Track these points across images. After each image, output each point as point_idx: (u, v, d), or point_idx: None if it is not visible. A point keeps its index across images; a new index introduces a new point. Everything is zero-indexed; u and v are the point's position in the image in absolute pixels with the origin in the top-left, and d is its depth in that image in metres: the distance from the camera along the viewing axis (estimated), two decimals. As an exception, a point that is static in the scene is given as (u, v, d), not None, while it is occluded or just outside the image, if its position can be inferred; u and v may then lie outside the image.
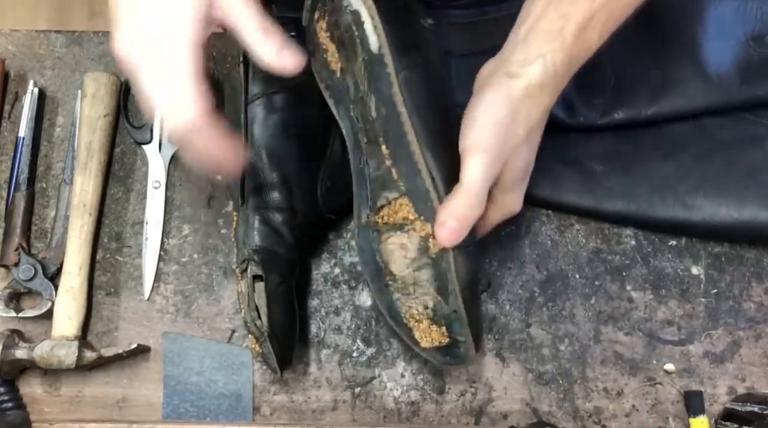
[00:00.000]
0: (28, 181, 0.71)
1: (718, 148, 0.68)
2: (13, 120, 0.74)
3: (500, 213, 0.61)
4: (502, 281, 0.70)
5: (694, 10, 0.70)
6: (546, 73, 0.54)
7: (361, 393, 0.67)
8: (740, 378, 0.67)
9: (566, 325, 0.69)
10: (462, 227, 0.54)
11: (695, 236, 0.70)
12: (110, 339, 0.69)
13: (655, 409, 0.67)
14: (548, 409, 0.67)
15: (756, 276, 0.70)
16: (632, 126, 0.69)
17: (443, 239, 0.54)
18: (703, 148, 0.68)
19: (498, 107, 0.55)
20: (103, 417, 0.67)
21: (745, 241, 0.69)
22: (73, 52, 0.76)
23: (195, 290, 0.70)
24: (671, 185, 0.67)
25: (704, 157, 0.68)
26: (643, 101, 0.68)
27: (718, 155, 0.68)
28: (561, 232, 0.71)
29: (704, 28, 0.69)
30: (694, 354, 0.68)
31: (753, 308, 0.69)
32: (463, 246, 0.56)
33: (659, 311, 0.69)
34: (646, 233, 0.70)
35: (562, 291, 0.69)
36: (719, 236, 0.69)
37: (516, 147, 0.56)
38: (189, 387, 0.68)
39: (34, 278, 0.68)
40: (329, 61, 0.60)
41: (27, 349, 0.65)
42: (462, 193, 0.55)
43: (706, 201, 0.66)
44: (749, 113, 0.68)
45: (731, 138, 0.68)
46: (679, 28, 0.70)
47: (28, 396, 0.67)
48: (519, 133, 0.55)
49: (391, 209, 0.57)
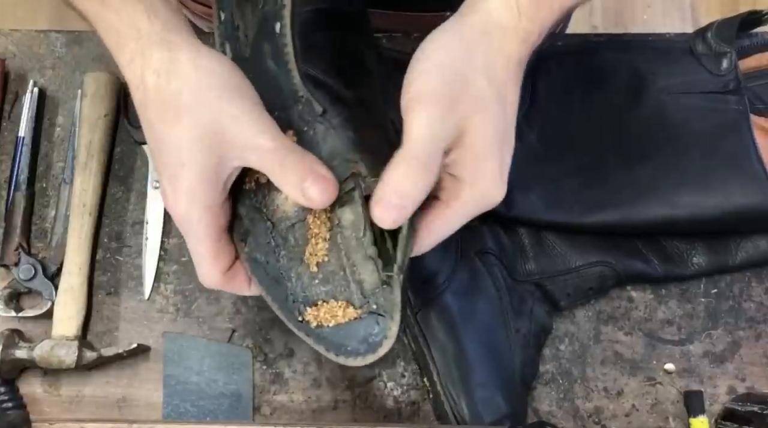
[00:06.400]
0: (28, 181, 0.71)
1: (693, 141, 0.66)
2: (13, 120, 0.74)
3: (474, 201, 0.48)
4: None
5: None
6: (508, 9, 0.45)
7: (361, 393, 0.67)
8: (740, 378, 0.67)
9: (566, 325, 0.69)
10: (405, 204, 0.44)
11: (684, 233, 0.68)
12: (110, 338, 0.69)
13: (655, 409, 0.67)
14: (548, 409, 0.67)
15: (756, 276, 0.70)
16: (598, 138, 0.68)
17: (382, 221, 0.45)
18: (678, 144, 0.66)
19: (446, 46, 0.46)
20: (103, 417, 0.67)
21: (735, 230, 0.68)
22: (73, 52, 0.76)
23: (195, 290, 0.70)
24: (653, 186, 0.65)
25: (681, 153, 0.66)
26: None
27: (695, 147, 0.66)
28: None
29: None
30: (694, 353, 0.68)
31: (753, 308, 0.69)
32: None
33: (659, 311, 0.69)
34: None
35: (562, 291, 0.69)
36: (709, 228, 0.67)
37: (478, 102, 0.45)
38: (189, 387, 0.68)
39: (34, 278, 0.68)
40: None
41: (27, 349, 0.65)
42: (403, 159, 0.45)
43: (690, 196, 0.64)
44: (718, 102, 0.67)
45: (704, 129, 0.66)
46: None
47: (28, 396, 0.67)
48: (479, 82, 0.45)
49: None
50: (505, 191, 0.48)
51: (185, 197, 0.48)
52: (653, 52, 0.71)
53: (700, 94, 0.68)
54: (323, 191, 0.47)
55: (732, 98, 0.67)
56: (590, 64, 0.70)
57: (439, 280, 0.63)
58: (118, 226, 0.72)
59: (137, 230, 0.71)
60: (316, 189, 0.46)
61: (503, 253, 0.66)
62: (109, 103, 0.72)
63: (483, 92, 0.45)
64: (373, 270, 0.49)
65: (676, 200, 0.65)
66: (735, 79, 0.67)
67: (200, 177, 0.47)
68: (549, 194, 0.66)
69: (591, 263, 0.67)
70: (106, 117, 0.71)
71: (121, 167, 0.73)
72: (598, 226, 0.66)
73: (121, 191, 0.72)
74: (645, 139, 0.67)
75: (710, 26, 0.70)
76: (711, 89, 0.68)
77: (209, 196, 0.48)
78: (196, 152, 0.47)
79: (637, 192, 0.65)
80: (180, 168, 0.47)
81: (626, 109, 0.68)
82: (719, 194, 0.64)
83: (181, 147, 0.47)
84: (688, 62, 0.69)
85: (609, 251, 0.67)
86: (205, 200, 0.48)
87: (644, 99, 0.68)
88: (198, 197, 0.48)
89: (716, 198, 0.64)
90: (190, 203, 0.48)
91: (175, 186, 0.48)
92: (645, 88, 0.68)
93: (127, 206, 0.72)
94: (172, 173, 0.48)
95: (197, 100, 0.47)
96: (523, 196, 0.65)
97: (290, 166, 0.47)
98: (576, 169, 0.67)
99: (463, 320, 0.63)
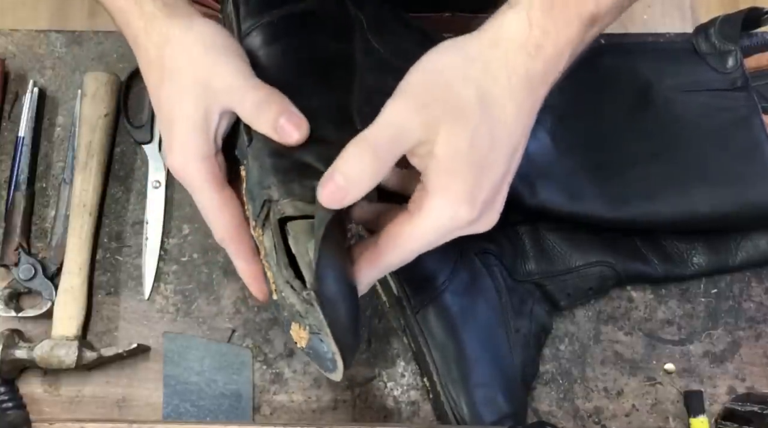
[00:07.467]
0: (28, 181, 0.71)
1: (705, 138, 0.66)
2: (13, 120, 0.74)
3: (437, 216, 0.44)
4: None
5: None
6: (518, 22, 0.44)
7: (361, 393, 0.67)
8: (740, 378, 0.67)
9: (566, 325, 0.69)
10: (347, 187, 0.43)
11: (703, 229, 0.67)
12: (110, 338, 0.69)
13: (655, 409, 0.67)
14: (548, 409, 0.67)
15: (756, 276, 0.70)
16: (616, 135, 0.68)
17: (322, 197, 0.43)
18: (690, 141, 0.66)
19: (447, 53, 0.45)
20: (103, 416, 0.67)
21: (754, 224, 0.67)
22: (73, 52, 0.76)
23: (195, 290, 0.70)
24: (670, 182, 0.65)
25: (694, 149, 0.66)
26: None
27: (708, 144, 0.66)
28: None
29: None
30: (694, 353, 0.68)
31: (753, 308, 0.69)
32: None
33: (659, 311, 0.69)
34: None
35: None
36: (728, 223, 0.67)
37: (457, 112, 0.43)
38: (189, 387, 0.68)
39: (34, 278, 0.68)
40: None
41: (27, 349, 0.65)
42: (356, 142, 0.43)
43: (708, 190, 0.64)
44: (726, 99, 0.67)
45: (715, 126, 0.67)
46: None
47: (28, 396, 0.67)
48: (465, 93, 0.43)
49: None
50: (476, 214, 0.44)
51: (179, 150, 0.50)
52: (657, 53, 0.71)
53: (708, 92, 0.68)
54: (296, 127, 0.48)
55: (740, 95, 0.67)
56: (595, 70, 0.70)
57: (439, 280, 0.63)
58: (118, 226, 0.72)
59: (137, 230, 0.71)
60: (290, 126, 0.48)
61: (503, 253, 0.66)
62: (109, 103, 0.72)
63: (466, 104, 0.43)
64: (293, 293, 0.48)
65: (695, 195, 0.64)
66: (742, 76, 0.68)
67: (190, 129, 0.50)
68: (570, 186, 0.65)
69: (591, 263, 0.67)
70: (106, 117, 0.71)
71: (121, 167, 0.73)
72: (620, 221, 0.65)
73: (121, 191, 0.72)
74: (657, 137, 0.67)
75: (712, 23, 0.70)
76: (718, 87, 0.68)
77: (202, 147, 0.50)
78: (185, 106, 0.50)
79: (654, 188, 0.65)
80: (172, 124, 0.50)
81: (636, 109, 0.68)
82: (736, 187, 0.65)
83: (172, 104, 0.51)
84: (693, 62, 0.69)
85: (609, 251, 0.67)
86: (198, 151, 0.50)
87: (653, 99, 0.68)
88: (191, 149, 0.50)
89: (733, 192, 0.64)
90: (184, 156, 0.50)
91: (170, 142, 0.51)
92: (653, 88, 0.68)
93: (127, 206, 0.72)
94: (167, 131, 0.51)
95: (187, 59, 0.50)
96: (543, 185, 0.64)
97: (266, 104, 0.49)
98: (590, 166, 0.67)
99: (463, 320, 0.63)
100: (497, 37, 0.44)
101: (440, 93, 0.44)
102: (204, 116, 0.50)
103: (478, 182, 0.44)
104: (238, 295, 0.69)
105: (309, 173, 0.49)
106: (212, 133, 0.51)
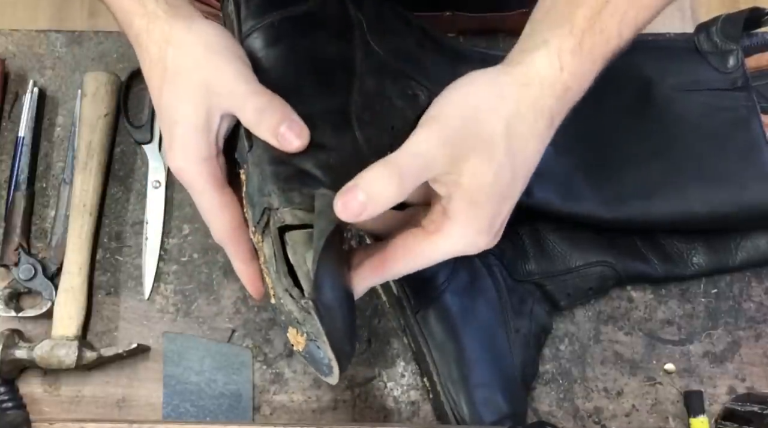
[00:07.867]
0: (28, 181, 0.71)
1: (704, 137, 0.66)
2: (13, 120, 0.74)
3: (455, 241, 0.47)
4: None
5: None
6: (550, 64, 0.45)
7: (361, 393, 0.67)
8: (740, 378, 0.67)
9: (566, 325, 0.69)
10: (367, 204, 0.43)
11: (701, 229, 0.67)
12: (110, 338, 0.69)
13: (655, 409, 0.67)
14: (548, 409, 0.67)
15: (756, 276, 0.70)
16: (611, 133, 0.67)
17: (339, 208, 0.44)
18: (689, 140, 0.66)
19: (481, 86, 0.46)
20: (103, 416, 0.67)
21: (752, 225, 0.67)
22: (73, 52, 0.76)
23: (195, 290, 0.70)
24: (668, 181, 0.65)
25: (693, 149, 0.66)
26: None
27: (707, 143, 0.66)
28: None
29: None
30: (694, 353, 0.68)
31: (753, 308, 0.69)
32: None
33: (659, 311, 0.69)
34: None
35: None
36: (726, 224, 0.67)
37: (486, 146, 0.45)
38: (189, 387, 0.68)
39: (34, 278, 0.68)
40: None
41: (27, 349, 0.65)
42: (383, 162, 0.44)
43: (706, 191, 0.64)
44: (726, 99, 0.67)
45: (714, 126, 0.67)
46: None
47: (28, 396, 0.67)
48: (495, 128, 0.45)
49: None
50: (493, 242, 0.48)
51: (180, 151, 0.51)
52: (658, 52, 0.71)
53: (708, 92, 0.68)
54: (297, 135, 0.49)
55: (740, 95, 0.67)
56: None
57: (439, 280, 0.63)
58: (118, 226, 0.72)
59: (137, 230, 0.71)
60: (291, 134, 0.48)
61: (503, 253, 0.66)
62: (109, 103, 0.72)
63: (495, 139, 0.45)
64: (292, 301, 0.48)
65: (693, 195, 0.64)
66: (743, 76, 0.67)
67: (191, 131, 0.50)
68: (565, 186, 0.65)
69: (591, 263, 0.66)
70: (106, 117, 0.71)
71: (121, 167, 0.73)
72: (618, 221, 0.65)
73: (121, 191, 0.72)
74: (656, 136, 0.67)
75: (714, 22, 0.70)
76: (718, 87, 0.68)
77: (203, 149, 0.50)
78: (186, 107, 0.50)
79: (652, 187, 0.65)
80: (173, 125, 0.51)
81: (636, 108, 0.68)
82: (734, 188, 0.64)
83: (173, 106, 0.51)
84: (694, 61, 0.69)
85: (609, 251, 0.67)
86: (199, 153, 0.50)
87: (653, 98, 0.68)
88: (192, 150, 0.50)
89: (731, 192, 0.64)
90: (185, 157, 0.51)
91: (171, 143, 0.51)
92: (653, 87, 0.68)
93: (127, 206, 0.72)
94: (169, 132, 0.51)
95: (189, 60, 0.50)
96: (539, 185, 0.63)
97: (268, 111, 0.49)
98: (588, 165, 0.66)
99: (463, 320, 0.63)
100: (529, 77, 0.46)
101: (473, 128, 0.45)
102: (205, 118, 0.50)
103: (497, 212, 0.47)
104: (238, 295, 0.69)
105: (309, 182, 0.49)
106: (213, 134, 0.51)
